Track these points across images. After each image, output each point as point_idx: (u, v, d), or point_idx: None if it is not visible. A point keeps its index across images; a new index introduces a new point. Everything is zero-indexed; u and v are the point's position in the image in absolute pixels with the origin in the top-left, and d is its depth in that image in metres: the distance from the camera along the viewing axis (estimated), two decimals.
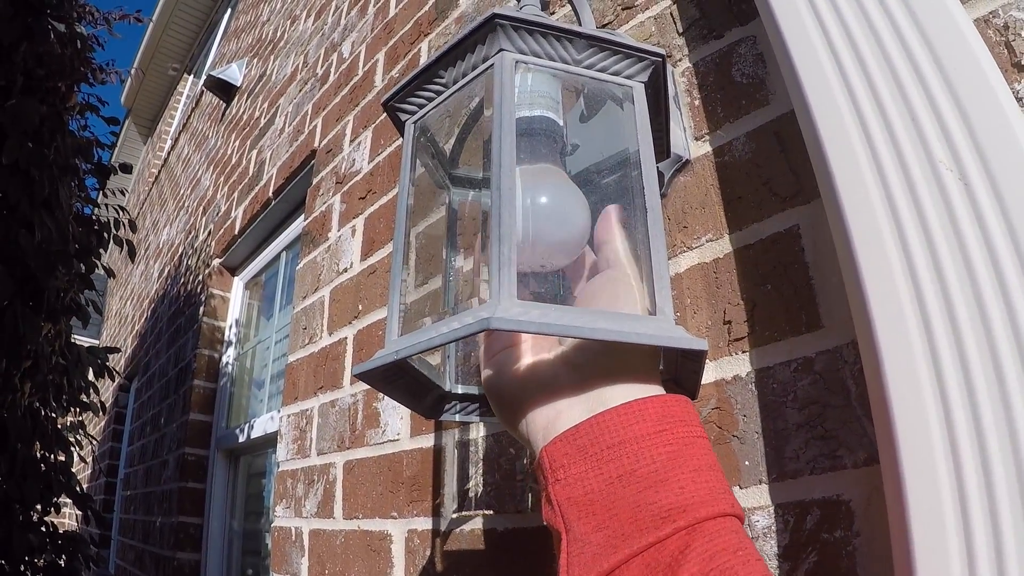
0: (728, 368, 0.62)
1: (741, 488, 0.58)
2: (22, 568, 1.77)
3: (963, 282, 0.40)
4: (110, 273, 2.21)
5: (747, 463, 0.58)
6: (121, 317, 5.64)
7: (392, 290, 0.51)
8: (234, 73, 3.74)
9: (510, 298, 0.39)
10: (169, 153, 6.05)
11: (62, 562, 2.00)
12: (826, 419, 0.54)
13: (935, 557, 0.38)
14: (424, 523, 0.95)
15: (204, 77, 4.35)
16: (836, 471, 0.52)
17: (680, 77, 0.77)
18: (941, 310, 0.40)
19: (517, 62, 0.49)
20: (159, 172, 6.23)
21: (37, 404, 1.90)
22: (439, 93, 0.55)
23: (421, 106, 0.57)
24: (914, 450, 0.40)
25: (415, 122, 0.57)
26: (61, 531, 2.05)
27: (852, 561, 0.49)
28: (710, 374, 0.63)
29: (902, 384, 0.41)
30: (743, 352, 0.62)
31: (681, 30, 0.79)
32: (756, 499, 0.57)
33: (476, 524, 0.86)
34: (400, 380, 0.54)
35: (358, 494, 1.13)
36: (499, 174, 0.43)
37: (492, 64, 0.49)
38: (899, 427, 0.41)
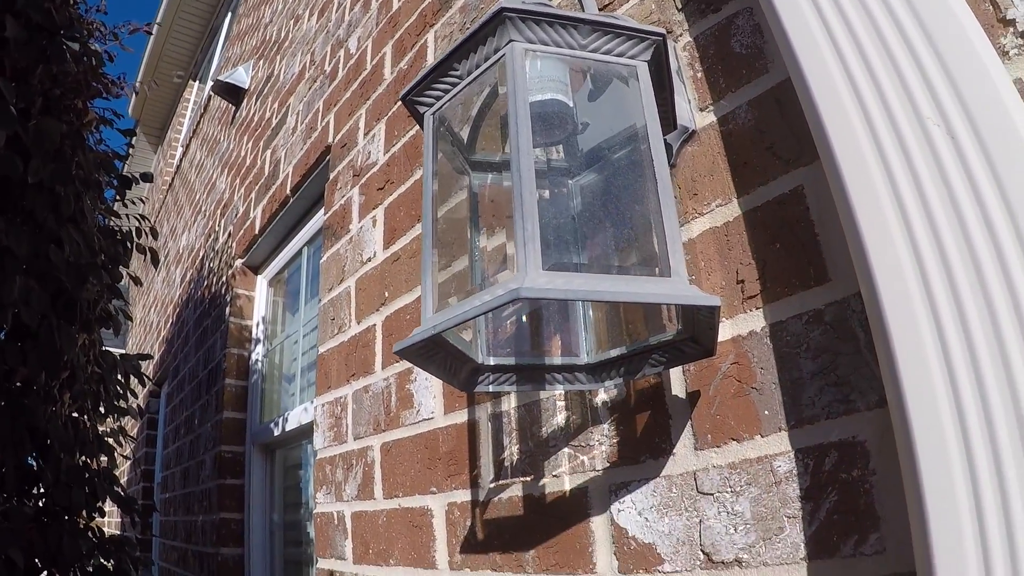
0: (744, 325, 0.66)
1: (762, 436, 0.61)
2: (71, 573, 1.81)
3: (955, 229, 0.43)
4: (137, 281, 2.26)
5: (766, 412, 0.61)
6: (146, 324, 5.70)
7: (424, 271, 0.55)
8: (241, 76, 3.77)
9: (536, 269, 0.43)
10: (181, 160, 6.10)
11: (110, 565, 2.04)
12: (838, 366, 0.57)
13: (942, 483, 0.41)
14: (463, 495, 0.99)
15: (211, 82, 4.38)
16: (850, 414, 0.55)
17: (682, 52, 0.80)
18: (935, 255, 0.43)
19: (526, 51, 0.52)
20: (172, 179, 6.28)
21: (75, 413, 1.94)
22: (454, 85, 0.58)
23: (438, 98, 0.60)
24: (917, 386, 0.43)
25: (433, 113, 0.61)
26: (107, 535, 2.10)
27: (870, 498, 0.53)
28: (726, 331, 0.66)
29: (902, 326, 0.44)
30: (757, 309, 0.65)
31: (680, 6, 0.82)
32: (777, 446, 0.60)
33: (513, 491, 0.89)
34: (437, 355, 0.57)
35: (397, 474, 1.17)
36: (517, 157, 0.47)
37: (503, 55, 0.52)
38: (901, 366, 0.44)
